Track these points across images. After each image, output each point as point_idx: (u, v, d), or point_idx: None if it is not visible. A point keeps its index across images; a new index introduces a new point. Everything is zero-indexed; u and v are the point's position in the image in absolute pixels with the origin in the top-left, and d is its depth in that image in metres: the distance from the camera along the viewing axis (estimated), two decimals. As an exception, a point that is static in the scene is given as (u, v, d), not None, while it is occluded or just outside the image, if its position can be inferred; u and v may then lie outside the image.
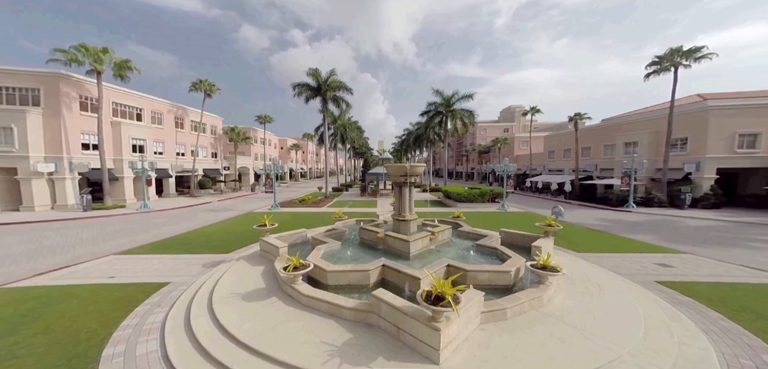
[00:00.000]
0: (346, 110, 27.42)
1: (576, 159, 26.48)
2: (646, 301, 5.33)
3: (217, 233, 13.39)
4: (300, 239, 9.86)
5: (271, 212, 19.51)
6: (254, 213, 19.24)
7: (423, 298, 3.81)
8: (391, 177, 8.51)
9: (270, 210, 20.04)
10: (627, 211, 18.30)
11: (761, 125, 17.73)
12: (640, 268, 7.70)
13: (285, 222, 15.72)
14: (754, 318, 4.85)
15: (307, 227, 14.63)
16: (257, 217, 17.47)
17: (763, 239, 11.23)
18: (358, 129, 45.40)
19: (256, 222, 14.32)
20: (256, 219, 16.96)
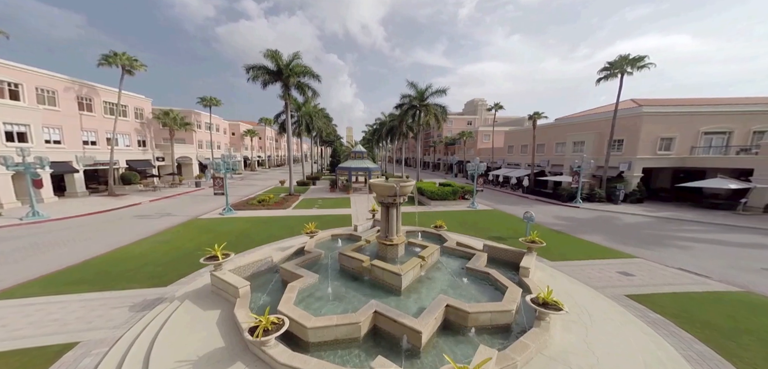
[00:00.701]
0: (313, 98, 24.97)
1: (532, 155, 28.86)
2: (631, 327, 5.63)
3: (149, 254, 10.90)
4: (265, 266, 8.45)
5: (223, 217, 16.97)
6: (200, 220, 16.43)
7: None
8: (377, 196, 7.64)
9: (222, 215, 17.43)
10: (575, 207, 20.56)
11: (676, 131, 21.30)
12: (607, 278, 8.36)
13: (242, 233, 13.69)
14: (719, 336, 5.44)
15: (270, 238, 13.02)
16: (204, 226, 14.95)
17: (680, 236, 13.44)
18: (326, 117, 42.48)
19: (204, 233, 12.22)
20: (203, 229, 14.55)
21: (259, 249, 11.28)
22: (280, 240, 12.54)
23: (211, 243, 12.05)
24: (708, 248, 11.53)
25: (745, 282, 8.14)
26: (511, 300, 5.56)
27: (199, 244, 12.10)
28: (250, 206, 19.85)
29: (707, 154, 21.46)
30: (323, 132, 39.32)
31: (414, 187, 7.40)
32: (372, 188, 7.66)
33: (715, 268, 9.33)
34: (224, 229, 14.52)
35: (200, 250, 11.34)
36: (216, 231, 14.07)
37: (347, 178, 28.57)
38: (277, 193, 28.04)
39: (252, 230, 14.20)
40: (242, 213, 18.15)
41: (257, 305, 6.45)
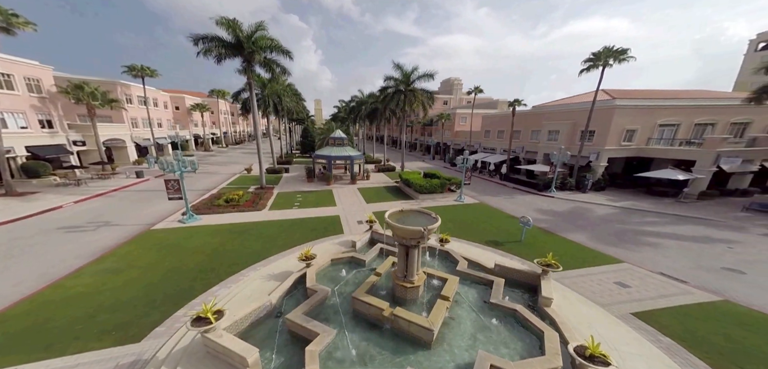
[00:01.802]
0: (283, 76, 22.00)
1: (509, 141, 30.06)
2: (656, 361, 6.04)
3: (99, 292, 8.90)
4: (263, 311, 7.34)
5: (185, 226, 14.66)
6: (156, 233, 13.90)
7: None
8: (396, 237, 6.86)
9: (183, 222, 15.06)
10: (551, 197, 22.19)
11: (639, 123, 23.64)
12: (608, 292, 8.97)
13: (215, 250, 11.89)
14: (726, 362, 6.12)
15: (250, 257, 11.48)
16: (164, 242, 12.63)
17: (647, 230, 15.14)
18: (296, 95, 38.31)
19: (167, 254, 10.41)
20: (163, 247, 12.14)
21: (246, 276, 9.91)
22: (266, 259, 11.21)
23: (180, 268, 10.38)
24: (672, 245, 13.18)
25: (717, 287, 9.40)
26: (554, 351, 5.49)
27: (165, 271, 10.26)
28: (217, 208, 17.45)
29: (659, 145, 24.42)
30: (294, 113, 35.74)
31: (439, 225, 6.76)
32: (393, 231, 6.84)
33: (685, 270, 10.66)
34: (191, 244, 12.52)
35: (169, 280, 9.64)
36: (182, 249, 12.06)
37: (327, 167, 26.85)
38: (244, 184, 25.39)
39: (226, 246, 12.47)
40: (209, 219, 15.88)
41: (269, 372, 5.53)
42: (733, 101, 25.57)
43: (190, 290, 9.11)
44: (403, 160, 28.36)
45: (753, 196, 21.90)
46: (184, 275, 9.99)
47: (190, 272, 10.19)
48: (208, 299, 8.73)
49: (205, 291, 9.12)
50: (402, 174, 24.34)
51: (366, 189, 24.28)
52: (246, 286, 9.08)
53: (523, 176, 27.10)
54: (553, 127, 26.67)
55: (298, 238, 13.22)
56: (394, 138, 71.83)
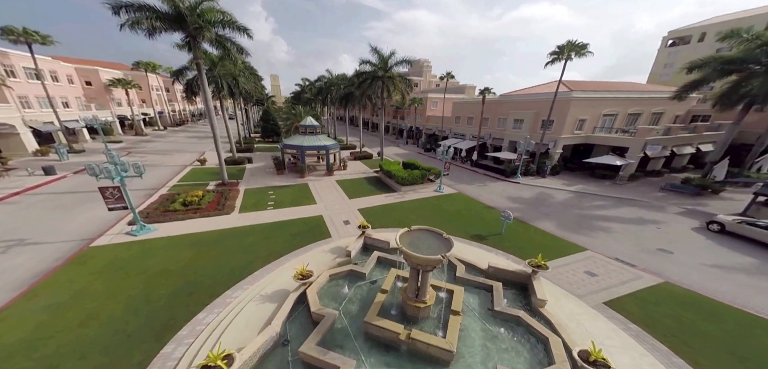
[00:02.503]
0: (240, 56, 19.12)
1: (479, 128, 31.43)
2: (633, 352, 7.11)
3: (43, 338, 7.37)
4: (271, 343, 6.74)
5: (136, 240, 12.56)
6: (100, 251, 11.67)
7: None
8: (411, 262, 6.70)
9: (133, 235, 12.89)
10: (517, 183, 24.17)
11: (588, 113, 26.45)
12: (581, 282, 10.21)
13: (183, 273, 10.39)
14: (679, 343, 7.45)
15: (230, 275, 10.40)
16: (114, 264, 10.61)
17: (597, 215, 17.46)
18: (254, 74, 33.91)
19: (121, 279, 9.69)
20: (114, 270, 10.21)
21: (233, 298, 8.98)
22: (251, 276, 10.30)
23: (148, 295, 9.03)
24: (618, 229, 15.42)
25: (657, 268, 11.33)
26: (562, 358, 6.10)
27: (129, 300, 8.85)
28: (173, 213, 15.20)
29: (601, 134, 27.82)
30: (253, 96, 31.72)
31: (454, 249, 6.76)
32: (408, 259, 6.66)
33: (632, 253, 12.64)
34: (154, 263, 10.84)
35: (140, 311, 8.34)
36: (143, 270, 10.40)
37: (299, 159, 25.09)
38: (200, 179, 22.53)
39: (199, 261, 11.08)
40: (167, 228, 13.81)
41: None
42: (656, 94, 30.06)
43: (172, 321, 8.02)
44: (382, 148, 27.82)
45: (664, 176, 26.60)
46: (158, 303, 8.74)
47: (164, 299, 8.93)
48: (196, 329, 7.84)
49: (190, 320, 8.12)
50: (382, 164, 23.96)
51: (345, 181, 23.48)
52: (238, 311, 8.25)
53: (491, 162, 28.82)
54: (518, 115, 28.47)
55: (281, 247, 12.34)
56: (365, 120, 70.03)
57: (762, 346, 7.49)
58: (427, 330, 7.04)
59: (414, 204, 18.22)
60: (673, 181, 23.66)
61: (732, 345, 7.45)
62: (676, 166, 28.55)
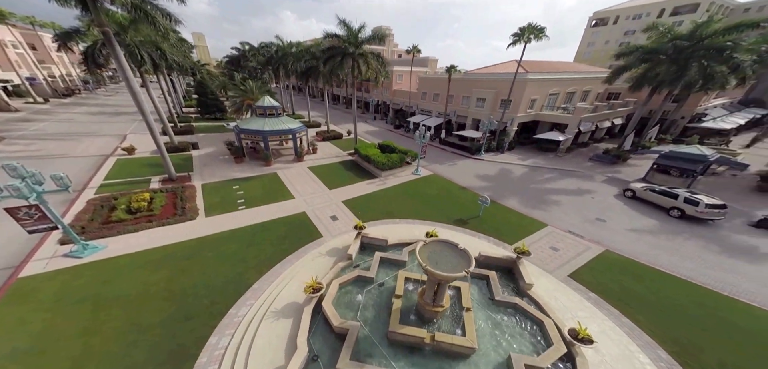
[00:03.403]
0: (167, 23, 15.17)
1: (445, 106, 32.26)
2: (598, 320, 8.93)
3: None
4: (304, 363, 6.66)
5: (81, 264, 10.40)
6: (40, 283, 9.58)
7: None
8: (434, 278, 6.99)
9: (74, 256, 10.62)
10: (482, 160, 26.16)
11: (538, 93, 29.16)
12: (549, 258, 12.03)
13: (166, 292, 9.25)
14: (622, 305, 9.56)
15: (231, 293, 9.50)
16: (67, 294, 8.85)
17: (548, 188, 20.25)
18: (181, 41, 27.45)
19: (77, 322, 8.18)
20: (66, 312, 8.16)
21: (239, 317, 8.36)
22: (251, 290, 9.69)
23: (131, 325, 8.33)
24: (565, 201, 18.20)
25: (598, 237, 13.92)
26: (557, 339, 7.35)
27: (113, 336, 7.85)
28: (120, 224, 12.87)
29: (547, 111, 31.25)
30: (184, 67, 25.70)
31: (474, 264, 7.23)
32: (432, 276, 6.94)
33: (578, 224, 15.23)
34: (122, 292, 9.31)
35: (134, 346, 7.57)
36: (110, 300, 8.97)
37: (262, 146, 22.67)
38: (135, 174, 18.96)
39: (178, 283, 9.84)
40: (119, 245, 11.65)
41: None
42: (589, 74, 34.49)
43: (182, 349, 7.51)
44: (356, 130, 26.66)
45: (589, 146, 31.69)
46: (154, 332, 7.94)
47: (159, 326, 8.09)
48: (215, 355, 7.58)
49: (204, 347, 7.64)
50: (359, 148, 23.19)
51: (319, 168, 22.31)
52: (254, 332, 7.90)
53: (457, 140, 30.31)
54: (481, 94, 29.90)
55: (270, 253, 11.63)
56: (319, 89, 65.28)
57: (672, 297, 10.12)
58: (444, 328, 7.76)
59: (397, 191, 18.52)
60: (597, 151, 28.38)
61: (654, 300, 9.91)
62: (597, 137, 34.10)
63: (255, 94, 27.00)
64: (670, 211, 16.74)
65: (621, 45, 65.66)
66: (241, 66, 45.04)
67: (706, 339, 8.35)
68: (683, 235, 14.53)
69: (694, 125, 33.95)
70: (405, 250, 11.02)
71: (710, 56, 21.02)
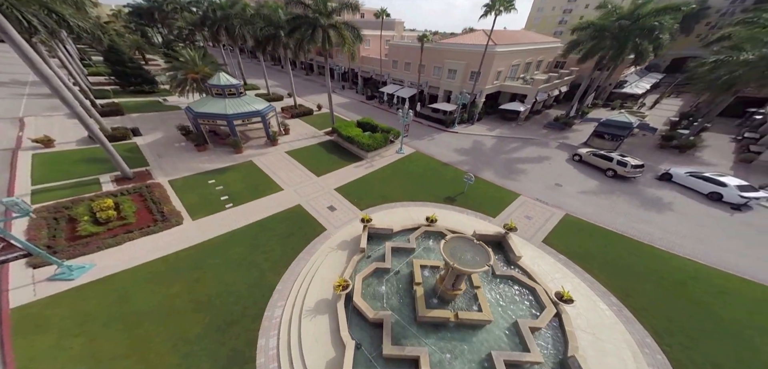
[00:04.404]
0: None
1: (418, 77, 31.92)
2: (571, 280, 11.10)
3: None
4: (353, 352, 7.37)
5: (77, 284, 9.37)
6: (45, 310, 8.61)
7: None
8: (460, 272, 7.90)
9: (65, 279, 9.64)
10: (456, 132, 27.41)
11: (503, 65, 30.53)
12: (525, 227, 14.00)
13: (193, 308, 8.96)
14: (582, 261, 11.98)
15: (259, 297, 9.27)
16: (91, 317, 8.10)
17: (515, 157, 22.54)
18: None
19: (109, 327, 8.32)
20: (105, 323, 7.79)
21: (276, 319, 8.64)
22: (275, 292, 9.84)
23: (177, 339, 8.42)
24: (530, 169, 20.60)
25: (558, 202, 16.45)
26: (548, 302, 9.16)
27: (162, 351, 7.99)
28: (93, 239, 11.35)
29: (509, 82, 33.14)
30: (91, 32, 19.67)
31: (493, 258, 8.25)
32: (459, 270, 7.82)
33: (543, 191, 17.66)
34: (146, 309, 8.93)
35: (190, 356, 7.86)
36: (140, 317, 8.75)
37: (229, 131, 20.38)
38: (70, 173, 16.16)
39: (199, 293, 9.58)
40: (107, 263, 10.45)
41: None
42: (546, 44, 36.88)
43: (237, 354, 8.05)
44: (332, 108, 25.14)
45: (542, 113, 35.21)
46: (201, 343, 8.24)
47: (204, 338, 8.38)
48: (270, 354, 8.18)
49: (256, 349, 8.18)
50: (339, 128, 22.27)
51: (298, 152, 21.14)
52: (297, 331, 8.51)
53: (430, 112, 30.83)
54: (452, 66, 30.16)
55: (281, 253, 11.60)
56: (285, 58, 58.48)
57: (614, 250, 12.85)
58: (460, 305, 9.04)
59: (386, 172, 18.83)
60: (549, 118, 31.78)
61: (603, 255, 12.56)
62: (547, 104, 37.79)
63: (199, 66, 23.04)
64: (606, 171, 20.25)
65: (565, 11, 70.09)
66: (157, 21, 37.13)
67: (638, 282, 11.12)
68: (616, 193, 17.93)
69: (617, 91, 39.64)
70: (411, 237, 11.83)
71: (643, 35, 24.19)
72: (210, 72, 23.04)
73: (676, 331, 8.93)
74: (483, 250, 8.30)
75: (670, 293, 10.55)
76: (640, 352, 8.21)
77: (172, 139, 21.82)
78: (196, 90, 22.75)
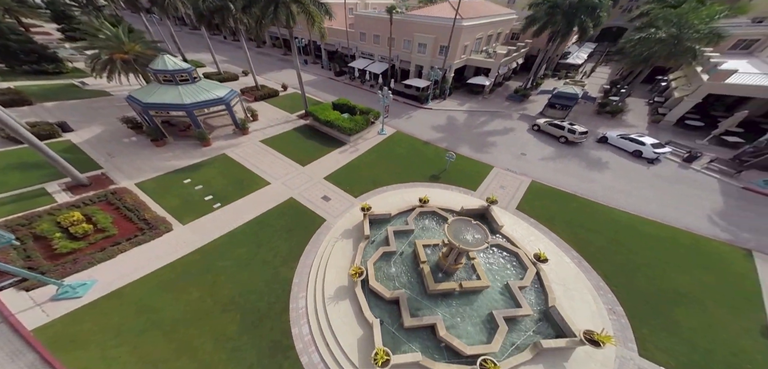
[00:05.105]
0: None
1: (390, 50, 31.04)
2: (544, 240, 13.07)
3: None
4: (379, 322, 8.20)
5: (87, 302, 9.00)
6: (72, 331, 8.03)
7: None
8: (462, 249, 8.89)
9: (69, 298, 9.11)
10: (430, 109, 28.04)
11: (469, 39, 31.16)
12: (501, 196, 15.76)
13: (220, 309, 9.06)
14: (545, 221, 14.13)
15: (279, 292, 9.95)
16: (122, 329, 8.07)
17: (485, 131, 24.22)
18: None
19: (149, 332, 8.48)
20: (140, 332, 9.14)
21: (302, 309, 8.97)
22: (294, 286, 10.10)
23: (218, 336, 8.68)
24: (499, 141, 22.48)
25: (525, 170, 18.53)
26: (530, 264, 10.88)
27: (205, 347, 8.53)
28: (80, 255, 10.40)
29: (474, 56, 34.13)
30: None
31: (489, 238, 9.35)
32: (462, 249, 8.80)
33: (511, 161, 19.62)
34: (173, 314, 8.95)
35: (238, 351, 8.45)
36: (174, 333, 8.77)
37: (191, 122, 18.19)
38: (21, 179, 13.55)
39: (220, 296, 9.65)
40: (110, 279, 9.86)
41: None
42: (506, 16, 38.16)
43: (277, 344, 8.76)
44: (303, 88, 23.42)
45: (503, 85, 37.52)
46: (242, 338, 8.76)
47: (244, 334, 8.87)
48: (305, 339, 8.34)
49: (291, 335, 8.91)
50: (315, 112, 21.23)
51: (273, 140, 19.93)
52: (326, 317, 9.19)
53: (403, 88, 30.73)
54: (422, 39, 29.87)
55: (286, 248, 11.69)
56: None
57: (571, 209, 15.29)
58: (462, 276, 10.32)
59: (372, 156, 18.93)
60: (509, 91, 34.13)
61: (562, 214, 14.91)
62: (507, 76, 40.14)
63: (127, 44, 19.11)
64: (559, 139, 23.07)
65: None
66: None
67: (590, 236, 13.54)
68: (568, 157, 20.73)
69: (562, 61, 43.62)
70: (409, 219, 12.65)
71: (587, 13, 26.60)
72: (144, 51, 19.64)
73: (618, 272, 11.46)
74: (480, 229, 9.44)
75: (612, 242, 13.22)
76: (597, 294, 10.48)
77: (118, 133, 18.88)
78: (128, 72, 19.23)
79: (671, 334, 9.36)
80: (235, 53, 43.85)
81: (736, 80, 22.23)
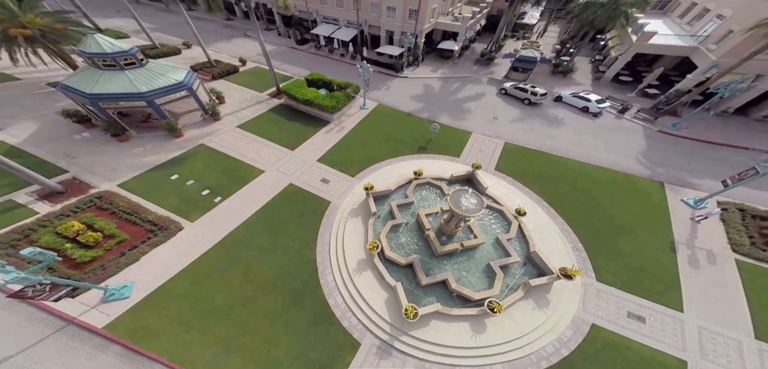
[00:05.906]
0: None
1: (357, 15, 29.13)
2: (522, 196, 15.10)
3: None
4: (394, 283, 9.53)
5: (137, 301, 9.06)
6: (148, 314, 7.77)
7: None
8: (463, 215, 10.16)
9: (117, 299, 8.99)
10: (406, 77, 27.92)
11: (437, 2, 30.58)
12: (482, 159, 17.47)
13: (262, 292, 9.81)
14: (519, 176, 16.24)
15: (307, 272, 10.98)
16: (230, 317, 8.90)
17: (460, 98, 25.28)
18: None
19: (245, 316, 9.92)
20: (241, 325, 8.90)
21: (328, 278, 9.89)
22: (319, 264, 10.82)
23: (275, 313, 9.77)
24: (473, 107, 23.84)
25: (498, 133, 20.33)
26: (513, 219, 12.78)
27: (266, 335, 8.77)
28: (107, 263, 10.05)
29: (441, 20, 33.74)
30: None
31: (485, 202, 10.70)
32: (464, 215, 10.07)
33: (486, 125, 21.24)
34: (231, 307, 9.59)
35: (292, 322, 9.07)
36: (231, 315, 9.88)
37: (152, 111, 16.10)
38: None
39: (257, 282, 10.50)
40: (146, 280, 9.86)
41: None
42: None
43: (320, 314, 9.90)
44: (271, 63, 21.42)
45: (470, 49, 38.30)
46: (292, 313, 9.82)
47: (292, 310, 9.97)
48: (340, 305, 9.67)
49: (329, 302, 10.18)
50: (290, 91, 19.97)
51: (251, 124, 18.75)
52: (353, 287, 10.33)
53: (376, 56, 29.72)
54: (391, 3, 28.52)
55: (301, 232, 12.45)
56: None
57: (538, 164, 17.56)
58: (461, 237, 11.88)
59: (359, 133, 18.90)
60: (476, 54, 35.12)
61: (532, 169, 17.16)
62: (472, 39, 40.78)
63: (22, 15, 15.32)
64: (524, 101, 25.23)
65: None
66: None
67: (554, 186, 15.97)
68: (532, 117, 23.04)
69: (519, 21, 45.38)
70: (407, 191, 13.63)
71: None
72: (51, 25, 16.14)
73: (577, 216, 14.04)
74: (476, 195, 10.83)
75: (571, 189, 15.85)
76: (563, 236, 12.94)
77: (61, 129, 16.17)
78: (36, 50, 15.87)
79: (616, 260, 12.21)
80: (163, 18, 36.57)
81: (657, 41, 25.91)
